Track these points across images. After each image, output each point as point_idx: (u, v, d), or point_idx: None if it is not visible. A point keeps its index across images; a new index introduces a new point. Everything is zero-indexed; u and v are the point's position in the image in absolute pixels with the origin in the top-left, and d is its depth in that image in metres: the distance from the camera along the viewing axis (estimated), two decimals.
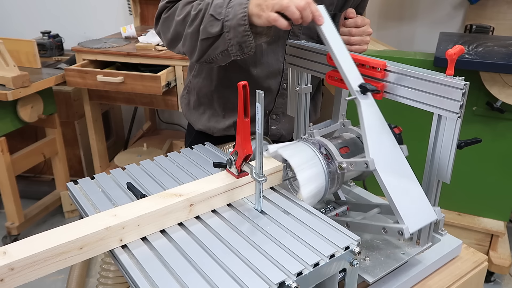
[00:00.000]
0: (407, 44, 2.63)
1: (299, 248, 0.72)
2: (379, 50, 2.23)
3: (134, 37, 2.64)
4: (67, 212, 2.73)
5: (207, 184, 0.85)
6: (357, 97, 0.87)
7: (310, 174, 0.86)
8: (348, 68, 0.90)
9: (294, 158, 0.87)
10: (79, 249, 0.71)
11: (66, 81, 2.34)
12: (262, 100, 0.73)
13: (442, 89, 0.79)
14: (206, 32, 1.00)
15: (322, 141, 0.92)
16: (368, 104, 0.86)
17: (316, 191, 0.87)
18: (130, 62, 2.36)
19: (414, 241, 0.90)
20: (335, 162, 0.88)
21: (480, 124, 1.94)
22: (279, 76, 1.24)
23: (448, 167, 0.83)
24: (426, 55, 1.97)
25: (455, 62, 0.80)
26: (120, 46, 2.46)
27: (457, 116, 0.78)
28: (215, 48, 1.01)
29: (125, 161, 2.65)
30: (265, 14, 0.90)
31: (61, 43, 2.77)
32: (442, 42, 2.01)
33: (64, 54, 2.76)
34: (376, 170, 0.80)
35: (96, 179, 0.99)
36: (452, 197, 2.10)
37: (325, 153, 0.89)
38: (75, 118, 2.75)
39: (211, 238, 0.77)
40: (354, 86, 0.88)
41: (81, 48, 2.43)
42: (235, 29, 0.95)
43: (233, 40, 0.97)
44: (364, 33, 1.12)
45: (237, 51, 0.98)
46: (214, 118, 1.31)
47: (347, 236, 0.75)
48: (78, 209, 0.92)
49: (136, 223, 0.76)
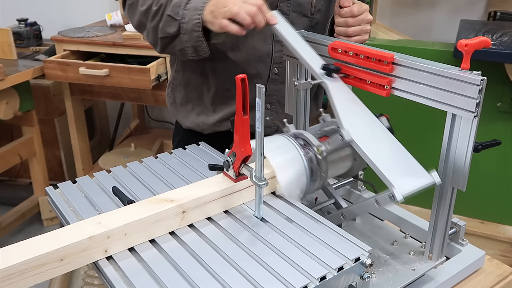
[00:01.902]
0: (424, 33, 2.62)
1: (304, 260, 0.72)
2: (392, 39, 2.23)
3: (121, 25, 2.64)
4: (46, 220, 2.73)
5: (202, 189, 0.85)
6: (322, 80, 0.93)
7: (284, 159, 0.89)
8: (306, 54, 0.98)
9: (265, 146, 0.89)
10: (59, 261, 0.70)
11: (45, 74, 2.34)
12: (263, 95, 0.73)
13: (456, 85, 0.79)
14: (164, 32, 1.12)
15: (299, 132, 0.97)
16: (336, 84, 0.92)
17: (294, 178, 0.88)
18: (116, 53, 2.36)
19: (426, 256, 0.90)
20: (313, 148, 0.91)
21: (505, 122, 1.94)
22: (268, 60, 1.24)
23: (463, 173, 0.82)
24: (445, 45, 1.97)
25: (470, 54, 0.80)
26: (105, 35, 2.46)
27: (473, 116, 0.78)
28: (174, 46, 1.13)
29: (111, 163, 2.65)
30: (217, 22, 1.01)
31: (40, 32, 2.77)
32: (463, 31, 2.01)
33: (43, 44, 2.76)
34: (353, 140, 0.83)
35: (78, 183, 0.99)
36: (474, 204, 2.10)
37: (303, 143, 0.92)
38: (55, 115, 2.75)
39: (206, 249, 0.76)
40: (318, 70, 0.95)
41: (61, 38, 2.43)
42: (190, 33, 1.07)
43: (188, 43, 1.09)
44: (362, 21, 1.12)
45: (193, 52, 1.11)
46: (203, 113, 1.32)
47: (357, 247, 0.75)
48: (58, 216, 0.92)
49: (123, 232, 0.76)
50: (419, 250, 0.94)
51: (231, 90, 1.26)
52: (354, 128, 0.85)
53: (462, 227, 0.94)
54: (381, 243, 0.97)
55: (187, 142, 1.18)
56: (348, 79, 0.96)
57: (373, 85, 0.91)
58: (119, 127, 3.08)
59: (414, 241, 0.98)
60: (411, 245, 0.96)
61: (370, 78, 0.92)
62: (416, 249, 0.94)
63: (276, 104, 1.29)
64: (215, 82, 1.28)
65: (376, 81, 0.90)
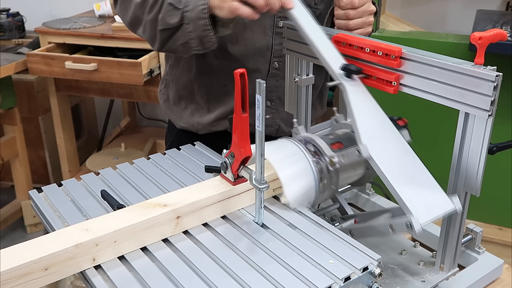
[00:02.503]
0: (438, 24, 2.62)
1: (307, 269, 0.72)
2: (403, 31, 2.23)
3: (110, 16, 2.64)
4: (30, 226, 2.73)
5: (197, 192, 0.85)
6: (341, 82, 0.89)
7: (294, 171, 0.88)
8: (326, 50, 0.93)
9: (273, 155, 0.88)
10: (44, 270, 0.70)
11: (28, 69, 2.34)
12: (264, 91, 0.73)
13: (469, 81, 0.79)
14: (164, 23, 1.07)
15: (310, 137, 0.94)
16: (356, 87, 0.88)
17: (303, 192, 0.88)
18: (105, 45, 2.36)
19: (437, 266, 0.90)
20: (325, 158, 0.90)
21: None
22: (267, 53, 1.24)
23: (477, 177, 0.82)
24: (461, 38, 1.96)
25: (485, 48, 0.79)
26: (93, 26, 2.46)
27: (488, 114, 0.78)
28: (175, 40, 1.09)
29: (99, 164, 2.65)
30: (227, 5, 0.96)
31: (22, 23, 2.77)
32: (480, 22, 2.01)
33: (26, 36, 2.76)
34: (371, 156, 0.81)
35: (64, 186, 0.99)
36: (491, 209, 2.10)
37: (314, 150, 0.91)
38: (39, 113, 2.75)
39: (202, 257, 0.76)
40: (336, 70, 0.91)
41: (46, 29, 2.43)
42: (195, 22, 1.03)
43: (193, 34, 1.05)
44: (364, 13, 1.11)
45: (198, 45, 1.07)
46: (197, 112, 1.32)
47: (365, 255, 0.75)
48: (43, 222, 0.92)
49: (112, 239, 0.76)
50: (429, 260, 0.94)
51: (227, 86, 1.26)
52: (373, 142, 0.83)
53: (479, 233, 0.94)
54: (388, 253, 0.97)
55: (181, 143, 1.18)
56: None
57: (380, 82, 0.91)
58: (108, 125, 3.08)
59: (424, 250, 0.98)
60: (420, 255, 0.96)
61: (377, 73, 0.91)
62: (426, 259, 0.94)
63: (276, 101, 1.29)
64: (210, 78, 1.28)
65: (382, 77, 0.90)
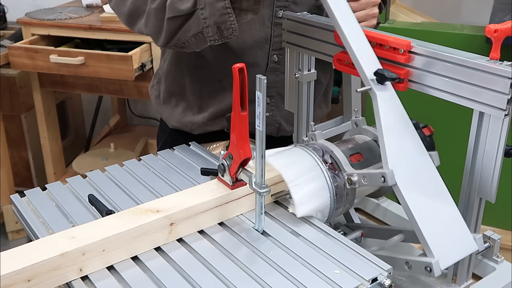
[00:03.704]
0: (453, 14, 2.63)
1: (311, 281, 0.72)
2: (415, 22, 2.23)
3: (98, 6, 2.64)
4: (11, 233, 2.73)
5: (193, 197, 0.85)
6: (372, 88, 0.86)
7: (309, 191, 0.86)
8: (360, 49, 0.89)
9: (288, 170, 0.87)
10: (27, 282, 0.70)
11: (10, 63, 2.34)
12: (264, 87, 0.73)
13: (483, 77, 0.79)
14: (174, 9, 1.00)
15: (327, 146, 0.92)
16: (387, 98, 0.86)
17: (316, 211, 0.87)
18: (93, 38, 2.36)
19: (450, 278, 0.90)
20: (344, 174, 0.88)
21: None
22: (266, 46, 1.24)
23: (492, 182, 0.82)
24: (477, 29, 1.96)
25: (501, 41, 0.79)
26: (80, 17, 2.46)
27: (504, 114, 0.78)
28: (187, 30, 1.02)
29: (87, 166, 2.65)
30: None
31: (4, 14, 2.77)
32: (497, 12, 2.01)
33: (8, 28, 2.76)
34: (397, 185, 0.80)
35: (49, 190, 0.99)
36: (510, 214, 2.10)
37: (330, 161, 0.89)
38: (22, 110, 2.75)
39: (198, 267, 0.76)
40: (369, 74, 0.87)
41: (29, 20, 2.43)
42: (212, 5, 0.95)
43: (209, 20, 0.97)
44: (368, 5, 1.11)
45: (214, 34, 0.99)
46: (189, 111, 1.32)
47: (374, 265, 0.75)
48: (25, 229, 0.92)
49: (101, 247, 0.76)
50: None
51: (222, 81, 1.25)
52: (400, 167, 0.81)
53: (497, 241, 0.94)
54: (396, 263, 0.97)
55: (174, 143, 1.18)
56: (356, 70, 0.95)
57: None
58: (96, 124, 3.08)
59: None
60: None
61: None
62: None
63: (277, 98, 1.29)
64: (203, 72, 1.27)
65: None
